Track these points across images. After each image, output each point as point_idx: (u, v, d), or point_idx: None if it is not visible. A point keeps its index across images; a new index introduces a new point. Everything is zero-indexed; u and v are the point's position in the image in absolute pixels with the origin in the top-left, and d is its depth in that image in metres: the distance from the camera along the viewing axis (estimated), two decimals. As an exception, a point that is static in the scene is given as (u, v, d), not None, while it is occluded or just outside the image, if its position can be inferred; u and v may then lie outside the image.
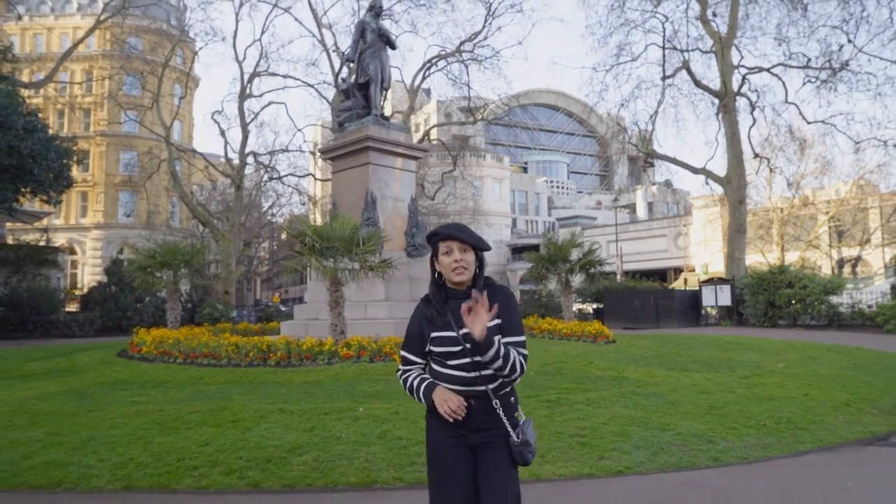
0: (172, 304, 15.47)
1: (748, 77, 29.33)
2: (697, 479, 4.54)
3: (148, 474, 4.59)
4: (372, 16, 16.48)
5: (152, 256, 15.10)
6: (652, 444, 5.27)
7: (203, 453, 5.05)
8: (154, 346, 12.11)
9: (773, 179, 39.37)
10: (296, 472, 4.60)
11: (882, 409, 6.88)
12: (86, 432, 5.87)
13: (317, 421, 6.05)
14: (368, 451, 5.04)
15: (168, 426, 5.98)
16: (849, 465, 4.97)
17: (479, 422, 2.29)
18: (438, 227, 2.44)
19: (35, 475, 4.63)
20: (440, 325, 2.32)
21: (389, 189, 15.76)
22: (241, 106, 32.93)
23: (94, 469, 4.73)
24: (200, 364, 10.60)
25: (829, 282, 23.24)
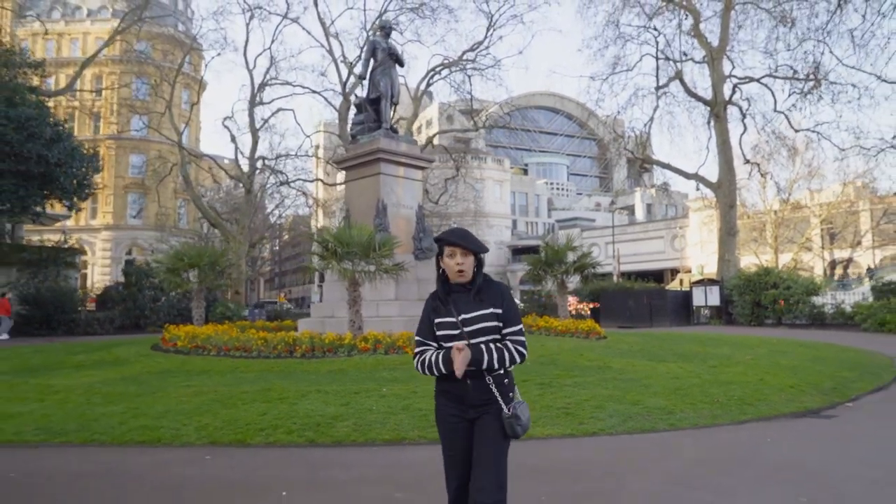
0: (198, 303, 16.73)
1: (739, 86, 30.64)
2: (654, 438, 5.84)
3: (226, 434, 5.89)
4: (382, 35, 17.74)
5: (180, 258, 16.36)
6: (623, 414, 6.55)
7: (264, 420, 6.35)
8: (188, 341, 13.38)
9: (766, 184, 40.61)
10: (341, 433, 5.89)
11: (821, 390, 8.18)
12: (160, 406, 7.16)
13: (350, 398, 7.34)
14: (396, 419, 6.33)
15: (227, 402, 7.26)
16: (777, 430, 6.26)
17: (475, 399, 2.60)
18: (444, 233, 2.77)
19: (137, 434, 5.92)
20: (443, 312, 2.68)
21: (398, 197, 17.02)
22: (251, 112, 34.21)
23: (181, 430, 6.03)
24: (233, 356, 11.87)
25: (811, 283, 24.56)
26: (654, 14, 30.39)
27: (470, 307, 2.64)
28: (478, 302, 2.65)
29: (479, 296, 2.67)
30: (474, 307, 2.64)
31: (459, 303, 2.66)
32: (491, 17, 32.29)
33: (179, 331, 14.59)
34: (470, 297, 2.67)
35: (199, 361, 11.44)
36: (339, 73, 32.91)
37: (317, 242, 12.84)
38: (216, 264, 16.90)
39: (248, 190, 34.28)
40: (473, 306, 2.64)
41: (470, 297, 2.66)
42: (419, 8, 31.46)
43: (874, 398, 8.13)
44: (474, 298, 2.66)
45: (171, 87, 34.93)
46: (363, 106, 17.69)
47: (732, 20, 29.45)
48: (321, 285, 73.36)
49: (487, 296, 2.67)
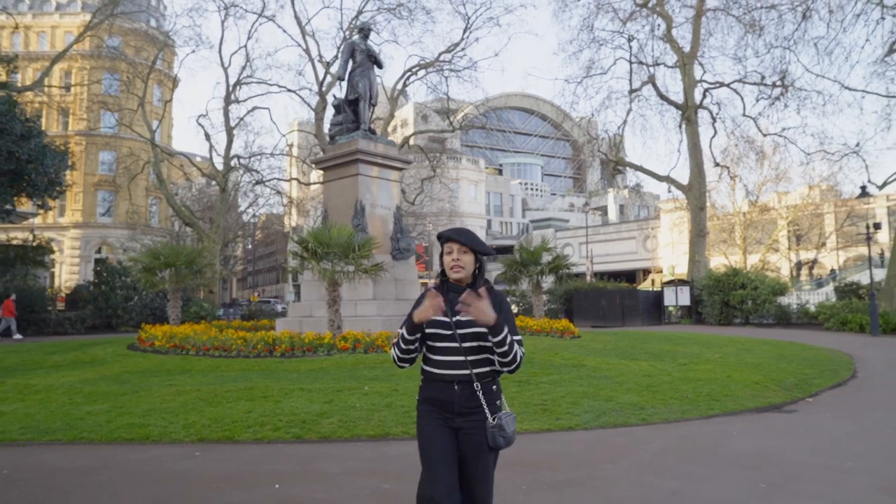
0: (174, 303, 16.69)
1: (710, 91, 31.38)
2: (626, 432, 6.14)
3: (213, 431, 6.03)
4: (361, 37, 17.87)
5: (157, 257, 16.31)
6: (597, 410, 6.84)
7: (250, 417, 6.50)
8: (165, 340, 13.39)
9: (735, 186, 41.63)
10: (327, 429, 6.07)
11: (784, 386, 8.60)
12: (145, 405, 7.26)
13: (333, 395, 7.52)
14: (380, 415, 6.54)
15: (211, 401, 7.39)
16: (742, 423, 6.61)
17: (462, 406, 2.50)
18: (445, 230, 2.65)
19: (125, 432, 6.03)
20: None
21: (377, 198, 17.19)
22: (226, 110, 34.04)
23: (169, 428, 6.15)
24: (213, 355, 11.94)
25: (778, 283, 25.33)
26: (628, 19, 31.00)
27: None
28: None
29: None
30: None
31: (455, 304, 2.51)
32: (468, 19, 32.64)
33: (156, 330, 14.58)
34: None
35: (179, 361, 11.49)
36: (315, 72, 32.92)
37: (296, 243, 12.93)
38: (193, 263, 16.88)
39: (223, 188, 34.08)
40: None
41: None
42: (396, 8, 31.63)
43: (833, 393, 8.57)
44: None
45: (144, 83, 34.53)
46: (342, 107, 17.81)
47: (703, 26, 30.19)
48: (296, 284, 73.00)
49: None
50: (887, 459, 5.21)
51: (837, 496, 4.21)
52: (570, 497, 4.25)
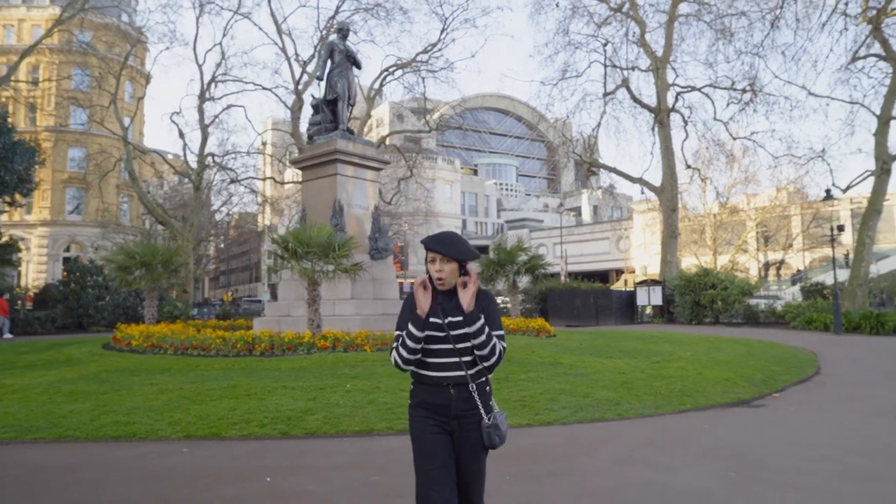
0: (150, 302, 16.57)
1: (682, 95, 32.05)
2: (603, 426, 6.37)
3: (200, 428, 6.11)
4: (340, 37, 17.92)
5: (133, 256, 16.17)
6: (574, 406, 7.07)
7: (235, 415, 6.58)
8: (142, 340, 13.31)
9: (707, 188, 42.48)
10: (312, 425, 6.19)
11: (753, 382, 8.94)
12: (128, 403, 7.29)
13: (316, 393, 7.63)
14: (364, 412, 6.67)
15: (195, 399, 7.44)
16: (713, 417, 6.90)
17: (457, 409, 2.51)
18: (429, 237, 2.61)
19: (110, 429, 6.08)
20: (430, 311, 2.56)
21: (355, 197, 17.26)
22: (200, 107, 33.69)
23: (155, 425, 6.21)
24: (191, 355, 11.93)
25: (746, 284, 26.01)
26: (603, 23, 31.48)
27: (456, 312, 2.54)
28: (460, 308, 2.54)
29: None
30: (460, 312, 2.54)
31: (445, 306, 2.56)
32: (445, 20, 32.77)
33: (132, 330, 14.49)
34: (454, 301, 2.57)
35: (158, 360, 11.46)
36: (291, 70, 32.81)
37: (276, 242, 12.96)
38: (169, 263, 16.78)
39: (197, 187, 33.73)
40: (459, 312, 2.54)
41: (455, 303, 2.56)
42: (374, 8, 31.64)
43: (798, 389, 8.94)
44: (459, 304, 2.55)
45: (116, 80, 34.02)
46: (320, 107, 17.84)
47: (676, 32, 30.81)
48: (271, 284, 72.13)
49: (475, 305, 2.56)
50: (848, 450, 5.51)
51: (803, 483, 4.48)
52: (551, 487, 4.44)
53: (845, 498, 4.17)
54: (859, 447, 5.62)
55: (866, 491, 4.33)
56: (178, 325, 15.65)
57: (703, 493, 4.27)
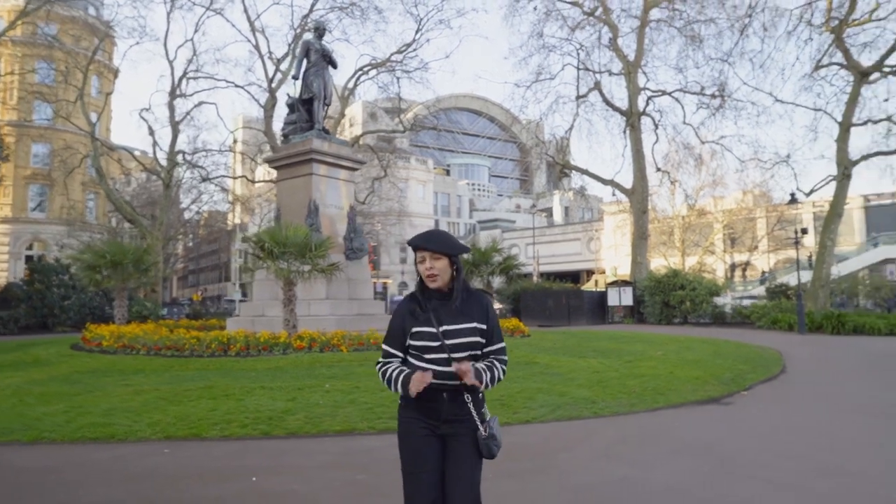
0: (120, 302, 16.31)
1: (652, 99, 32.60)
2: (580, 424, 6.52)
3: (180, 429, 6.08)
4: (316, 36, 17.87)
5: (102, 255, 15.89)
6: (551, 404, 7.21)
7: (215, 415, 6.57)
8: (114, 340, 13.12)
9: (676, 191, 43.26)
10: (293, 425, 6.22)
11: (722, 381, 9.21)
12: (104, 405, 7.21)
13: (295, 393, 7.64)
14: (345, 412, 6.71)
15: (173, 400, 7.39)
16: (685, 415, 7.10)
17: (449, 414, 2.41)
18: (413, 237, 2.52)
19: (88, 431, 6.01)
20: (422, 320, 2.44)
21: (330, 197, 17.22)
22: (171, 104, 33.19)
23: (133, 426, 6.17)
24: (165, 355, 11.80)
25: (714, 285, 26.61)
26: (576, 27, 31.88)
27: (451, 319, 2.44)
28: (459, 314, 2.45)
29: (461, 307, 2.47)
30: (456, 319, 2.44)
31: (440, 312, 2.44)
32: (420, 20, 32.83)
33: (102, 330, 14.28)
34: (450, 307, 2.46)
35: (130, 361, 11.31)
36: (265, 68, 32.54)
37: (252, 242, 12.89)
38: (140, 262, 16.53)
39: (167, 185, 33.23)
40: (455, 318, 2.44)
41: (450, 308, 2.46)
42: (349, 7, 31.54)
43: (765, 387, 9.23)
44: (455, 310, 2.46)
45: (83, 74, 33.31)
46: (295, 106, 17.76)
47: (647, 37, 31.36)
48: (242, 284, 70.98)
49: (469, 308, 2.47)
50: (816, 445, 5.75)
51: (772, 476, 4.67)
52: (532, 483, 4.55)
53: (816, 491, 4.36)
54: (826, 443, 5.86)
55: (835, 484, 4.53)
56: (149, 326, 15.44)
57: (679, 488, 4.42)
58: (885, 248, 43.97)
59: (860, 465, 5.03)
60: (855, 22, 25.19)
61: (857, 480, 4.63)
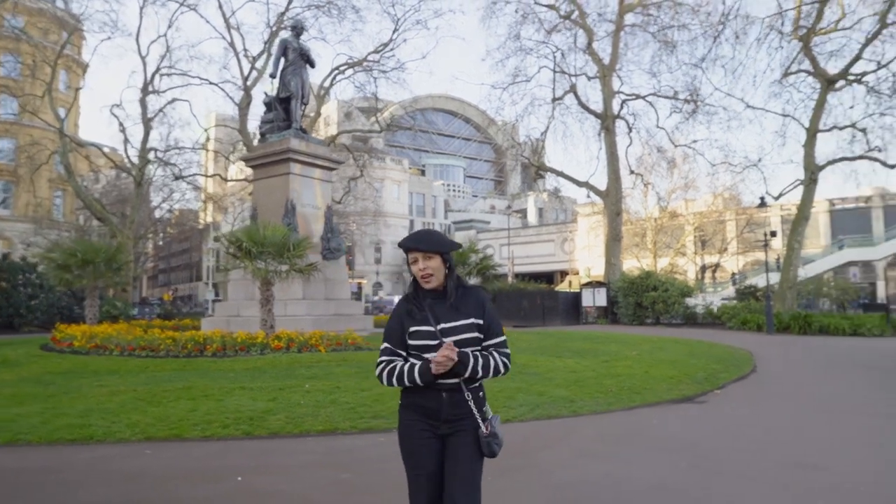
0: (92, 302, 16.02)
1: (627, 102, 33.05)
2: (559, 423, 6.63)
3: (160, 429, 6.04)
4: (294, 35, 17.78)
5: (73, 254, 15.59)
6: (531, 403, 7.31)
7: (195, 416, 6.52)
8: (85, 341, 12.89)
9: (648, 193, 43.92)
10: (275, 425, 6.21)
11: (696, 380, 9.42)
12: (80, 406, 7.10)
13: (276, 393, 7.62)
14: (326, 411, 6.72)
15: (151, 400, 7.32)
16: (661, 413, 7.26)
17: (449, 413, 2.38)
18: (403, 239, 2.50)
19: (66, 432, 5.93)
20: (419, 319, 2.42)
21: (308, 197, 17.15)
22: (143, 101, 32.66)
23: (112, 427, 6.10)
24: (139, 356, 11.63)
25: (686, 286, 27.09)
26: (553, 29, 32.17)
27: (448, 316, 2.42)
28: (455, 311, 2.43)
29: (457, 304, 2.44)
30: (453, 316, 2.42)
31: (436, 310, 2.43)
32: (397, 20, 32.80)
33: (74, 330, 14.03)
34: (446, 304, 2.44)
35: (104, 361, 11.14)
36: (240, 66, 32.17)
37: (229, 241, 12.78)
38: (113, 261, 16.26)
39: (139, 183, 32.67)
40: (452, 315, 2.42)
41: (446, 306, 2.44)
42: (325, 6, 31.37)
43: (737, 386, 9.48)
44: (451, 307, 2.43)
45: (52, 68, 32.59)
46: (273, 104, 17.66)
47: (622, 41, 31.79)
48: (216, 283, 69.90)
49: (466, 304, 2.45)
50: (784, 440, 5.94)
51: (746, 471, 4.82)
52: (515, 480, 4.64)
53: (789, 485, 4.52)
54: (797, 439, 6.06)
55: (807, 478, 4.70)
56: (122, 326, 15.21)
57: (658, 483, 4.55)
58: (849, 250, 45.26)
59: (828, 460, 5.22)
60: (822, 31, 25.88)
61: (826, 473, 4.81)
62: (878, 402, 8.13)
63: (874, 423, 6.76)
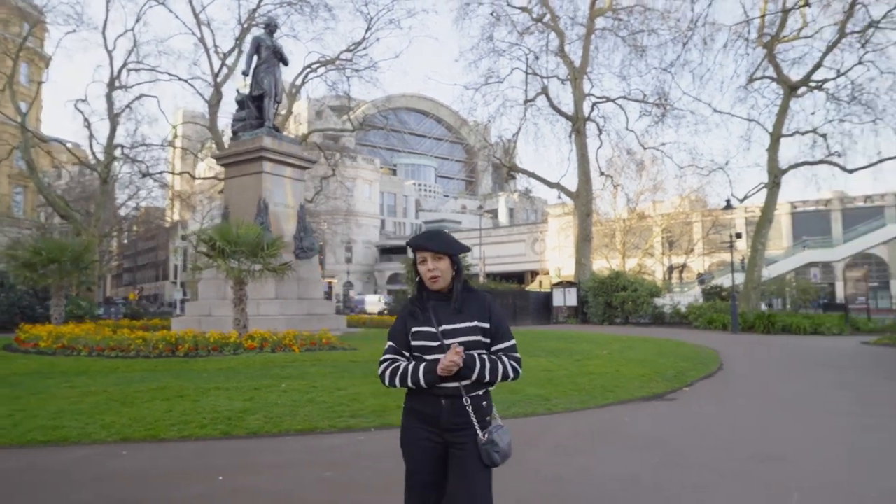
0: (58, 301, 15.67)
1: (597, 105, 33.54)
2: (535, 421, 6.75)
3: (136, 430, 5.98)
4: (267, 33, 17.65)
5: (38, 253, 15.23)
6: (507, 402, 7.41)
7: (171, 416, 6.47)
8: (52, 341, 12.61)
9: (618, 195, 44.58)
10: (254, 425, 6.20)
11: (665, 378, 9.66)
12: (51, 407, 6.98)
13: (252, 393, 7.60)
14: (304, 411, 6.73)
15: (125, 401, 7.23)
16: (633, 410, 7.45)
17: (449, 421, 2.33)
18: (412, 238, 2.46)
19: (39, 434, 5.83)
20: (422, 320, 2.39)
21: (280, 196, 17.05)
22: (109, 96, 32.00)
23: (87, 429, 6.02)
24: (109, 356, 11.44)
25: (654, 286, 27.62)
26: (525, 31, 32.49)
27: (451, 318, 2.38)
28: (458, 313, 2.39)
29: (461, 307, 2.40)
30: (456, 318, 2.38)
31: (440, 312, 2.39)
32: (370, 19, 32.73)
33: (39, 330, 13.72)
34: (450, 307, 2.40)
35: (71, 362, 10.93)
36: (210, 62, 31.77)
37: (202, 241, 12.65)
38: (80, 259, 15.93)
39: (105, 180, 31.99)
40: (455, 317, 2.38)
41: (450, 308, 2.40)
42: (298, 3, 31.15)
43: (705, 383, 9.74)
44: (454, 309, 2.39)
45: (13, 61, 31.72)
46: (245, 102, 17.51)
47: (593, 44, 32.25)
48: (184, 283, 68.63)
49: (469, 307, 2.41)
50: (751, 435, 6.15)
51: (716, 465, 5.00)
52: (503, 476, 4.70)
53: (757, 477, 4.70)
54: (764, 433, 6.28)
55: (774, 470, 4.89)
56: (89, 326, 14.91)
57: (633, 476, 4.69)
58: (810, 252, 46.61)
59: (793, 453, 5.43)
60: (785, 38, 26.64)
61: (791, 465, 5.01)
62: (838, 399, 8.44)
63: (836, 420, 7.04)
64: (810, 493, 4.34)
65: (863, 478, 4.76)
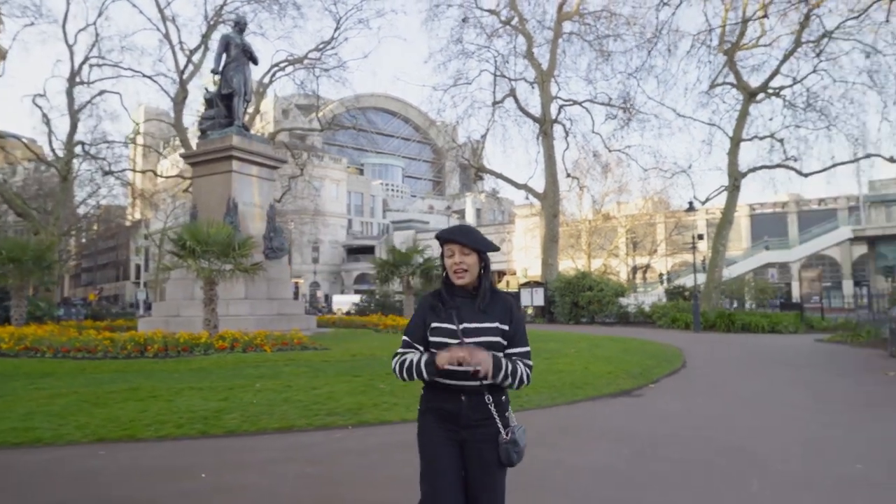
0: (18, 302, 15.30)
1: (564, 107, 34.04)
2: (510, 416, 6.93)
3: (111, 430, 5.97)
4: (236, 31, 17.52)
5: (-3, 252, 14.86)
6: (481, 399, 7.59)
7: (146, 416, 6.47)
8: (14, 342, 12.34)
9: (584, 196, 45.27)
10: (231, 424, 6.24)
11: (632, 375, 9.96)
12: (20, 409, 6.90)
13: (227, 393, 7.62)
14: (281, 409, 6.79)
15: (97, 402, 7.18)
16: (601, 406, 7.70)
17: (469, 418, 2.31)
18: (442, 230, 2.44)
19: (10, 436, 5.77)
20: (443, 316, 2.36)
21: (249, 196, 16.95)
22: (70, 91, 31.22)
23: (60, 430, 5.98)
24: (75, 357, 11.27)
25: (619, 286, 28.17)
26: (493, 34, 32.78)
27: (473, 316, 2.35)
28: (482, 313, 2.36)
29: (485, 307, 2.38)
30: (478, 317, 2.35)
31: (462, 310, 2.36)
32: (339, 18, 32.65)
33: (0, 332, 13.35)
34: (474, 305, 2.37)
35: (36, 364, 10.74)
36: (175, 59, 31.23)
37: (172, 241, 12.52)
38: (42, 259, 15.58)
39: (64, 177, 31.21)
40: (477, 316, 2.35)
41: (474, 307, 2.37)
42: (265, 1, 30.87)
43: (669, 380, 10.07)
44: (478, 308, 2.37)
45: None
46: (214, 101, 17.36)
47: (560, 48, 32.70)
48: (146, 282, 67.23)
49: (493, 308, 2.39)
50: (714, 429, 6.43)
51: (683, 456, 5.25)
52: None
53: (721, 467, 4.95)
54: (727, 427, 6.57)
55: (736, 460, 5.16)
56: (52, 327, 14.61)
57: (606, 468, 4.90)
58: (768, 252, 48.05)
59: (752, 444, 5.71)
60: (744, 46, 27.47)
61: (754, 457, 5.28)
62: (795, 395, 8.84)
63: (794, 414, 7.39)
64: (769, 480, 4.60)
65: (818, 467, 5.05)
